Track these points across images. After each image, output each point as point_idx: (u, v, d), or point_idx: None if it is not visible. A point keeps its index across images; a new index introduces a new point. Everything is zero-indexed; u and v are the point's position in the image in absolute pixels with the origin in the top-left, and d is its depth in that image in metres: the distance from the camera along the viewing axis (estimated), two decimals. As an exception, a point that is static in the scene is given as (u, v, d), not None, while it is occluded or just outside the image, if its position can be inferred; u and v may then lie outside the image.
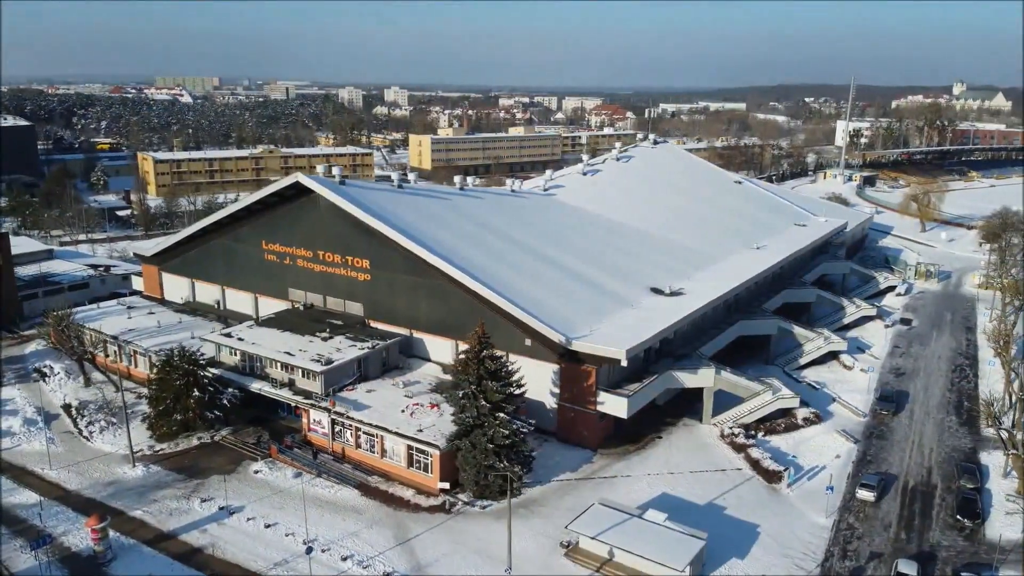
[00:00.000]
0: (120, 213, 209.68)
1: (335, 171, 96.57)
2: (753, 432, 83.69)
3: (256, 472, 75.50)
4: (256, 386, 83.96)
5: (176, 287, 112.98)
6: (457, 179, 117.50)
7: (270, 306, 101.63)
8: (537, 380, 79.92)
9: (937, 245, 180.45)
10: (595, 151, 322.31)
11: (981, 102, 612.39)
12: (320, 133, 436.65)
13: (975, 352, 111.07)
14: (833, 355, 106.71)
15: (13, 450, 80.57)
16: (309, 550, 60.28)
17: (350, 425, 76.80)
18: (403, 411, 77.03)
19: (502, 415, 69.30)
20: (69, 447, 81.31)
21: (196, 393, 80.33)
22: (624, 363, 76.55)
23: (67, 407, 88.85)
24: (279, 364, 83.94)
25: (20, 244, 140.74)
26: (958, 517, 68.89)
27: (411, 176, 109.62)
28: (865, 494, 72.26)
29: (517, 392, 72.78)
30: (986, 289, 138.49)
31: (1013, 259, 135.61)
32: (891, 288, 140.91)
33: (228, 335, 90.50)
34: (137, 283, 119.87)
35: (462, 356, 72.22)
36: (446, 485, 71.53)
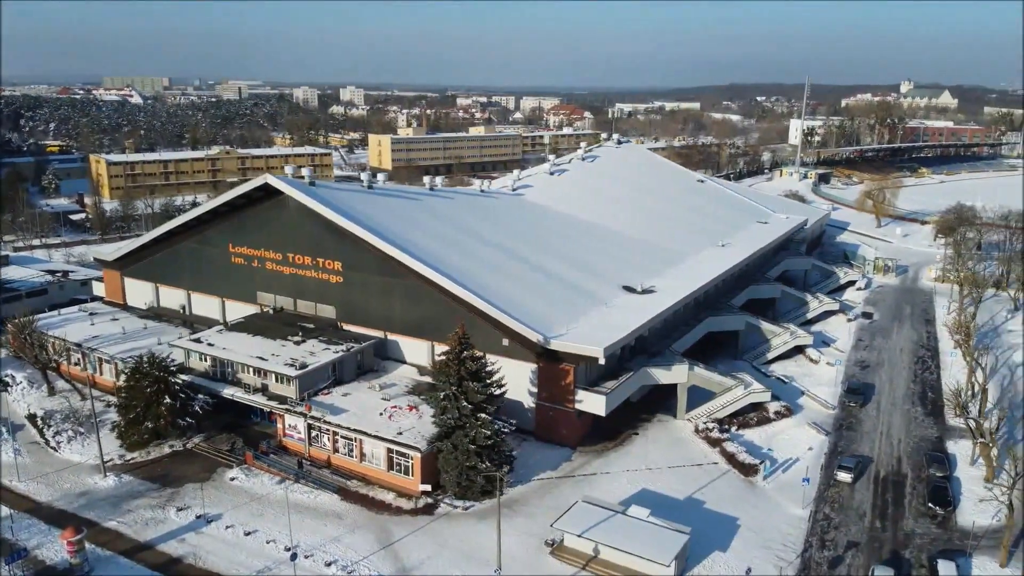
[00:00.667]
0: (74, 217, 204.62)
1: (304, 172, 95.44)
2: (727, 427, 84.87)
3: (232, 479, 74.31)
4: (228, 392, 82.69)
5: (139, 292, 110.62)
6: (426, 179, 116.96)
7: (238, 310, 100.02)
8: (515, 380, 79.72)
9: (893, 240, 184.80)
10: (556, 150, 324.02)
11: (928, 100, 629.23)
12: (276, 133, 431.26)
13: (936, 344, 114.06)
14: (799, 349, 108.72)
15: (-24, 463, 78.24)
16: (294, 556, 59.63)
17: (327, 429, 76.01)
18: (381, 414, 76.52)
19: (484, 416, 69.24)
20: (37, 458, 79.18)
21: (167, 400, 78.65)
22: (602, 361, 77.04)
23: (32, 417, 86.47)
24: (251, 369, 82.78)
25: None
26: (930, 505, 70.69)
27: (380, 177, 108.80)
28: (843, 475, 74.99)
29: (498, 392, 72.75)
30: (943, 282, 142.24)
31: (968, 252, 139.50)
32: (851, 283, 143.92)
33: (197, 340, 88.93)
34: (98, 289, 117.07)
35: (442, 357, 71.87)
36: (427, 487, 71.21)
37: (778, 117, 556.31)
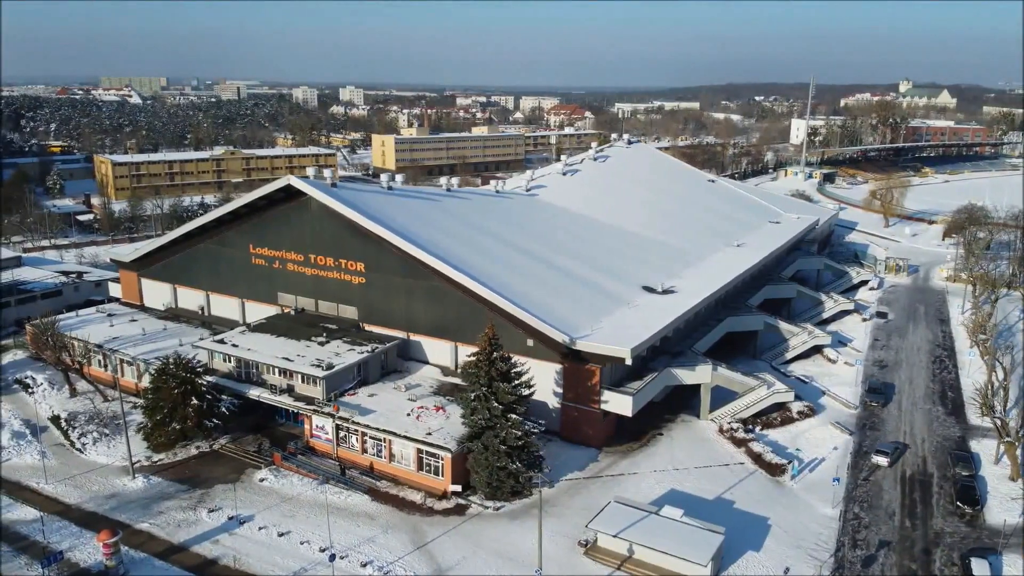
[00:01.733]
0: (82, 218, 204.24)
1: (326, 173, 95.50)
2: (751, 427, 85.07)
3: (261, 480, 74.35)
4: (254, 393, 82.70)
5: (157, 293, 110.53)
6: (443, 180, 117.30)
7: (258, 311, 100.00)
8: (539, 380, 79.54)
9: (901, 240, 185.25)
10: (560, 151, 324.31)
11: (927, 99, 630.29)
12: (278, 133, 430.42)
13: (951, 343, 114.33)
14: (816, 349, 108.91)
15: (4, 464, 78.13)
16: (332, 557, 59.65)
17: (356, 430, 76.07)
18: (408, 415, 76.61)
19: (514, 416, 69.45)
20: (63, 460, 79.10)
21: (194, 401, 78.69)
22: (629, 362, 77.20)
23: (55, 419, 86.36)
24: (277, 370, 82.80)
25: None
26: (958, 504, 70.98)
27: (398, 178, 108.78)
28: (880, 459, 77.50)
29: (526, 393, 72.87)
30: (954, 282, 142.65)
31: (980, 252, 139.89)
32: (863, 283, 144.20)
33: (221, 342, 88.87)
34: (114, 290, 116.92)
35: (472, 358, 71.93)
36: (458, 488, 71.37)
37: (778, 117, 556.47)
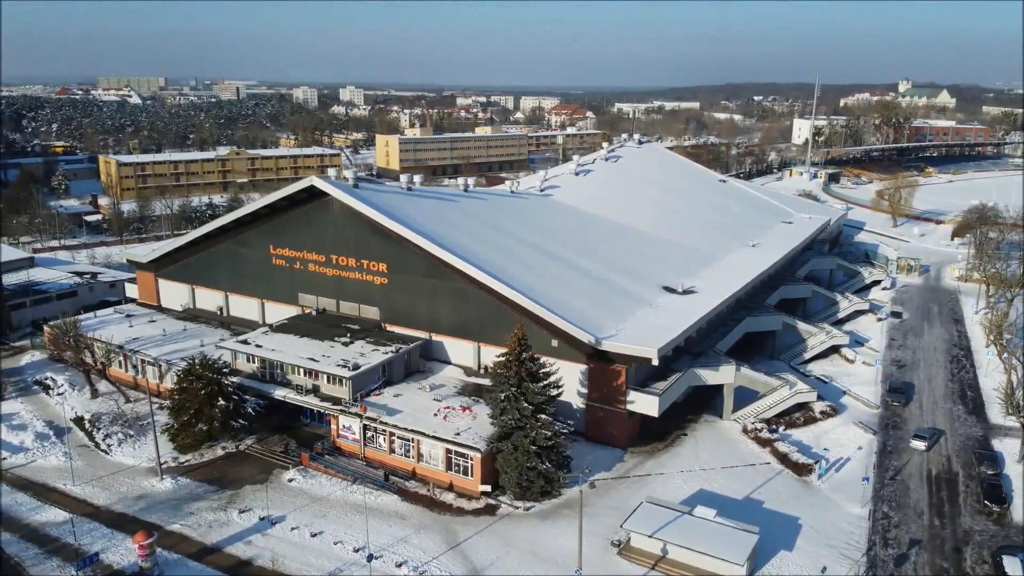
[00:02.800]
0: (89, 218, 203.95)
1: (347, 174, 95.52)
2: (775, 427, 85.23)
3: (290, 480, 74.42)
4: (280, 393, 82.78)
5: (174, 294, 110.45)
6: (459, 180, 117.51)
7: (278, 312, 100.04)
8: (564, 380, 79.45)
9: (910, 240, 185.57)
10: (565, 151, 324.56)
11: (927, 99, 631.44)
12: (280, 134, 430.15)
13: (968, 343, 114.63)
14: (834, 349, 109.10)
15: (29, 465, 78.18)
16: (370, 557, 59.82)
17: (384, 430, 76.13)
18: (435, 415, 76.72)
19: (544, 416, 69.60)
20: (88, 461, 79.05)
21: (221, 402, 78.68)
22: (655, 362, 77.34)
23: (79, 420, 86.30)
24: (302, 370, 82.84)
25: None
26: (986, 503, 71.26)
27: (416, 178, 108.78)
28: (918, 443, 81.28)
29: (554, 393, 72.98)
30: (966, 282, 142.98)
31: (993, 252, 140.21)
32: (875, 282, 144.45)
33: (245, 342, 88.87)
34: (131, 290, 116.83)
35: (500, 358, 71.99)
36: (487, 488, 71.48)
37: (778, 117, 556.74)
